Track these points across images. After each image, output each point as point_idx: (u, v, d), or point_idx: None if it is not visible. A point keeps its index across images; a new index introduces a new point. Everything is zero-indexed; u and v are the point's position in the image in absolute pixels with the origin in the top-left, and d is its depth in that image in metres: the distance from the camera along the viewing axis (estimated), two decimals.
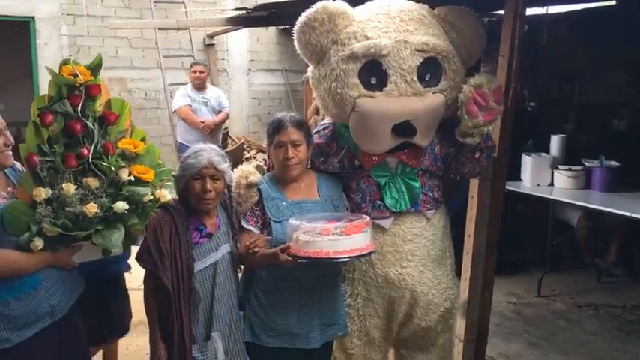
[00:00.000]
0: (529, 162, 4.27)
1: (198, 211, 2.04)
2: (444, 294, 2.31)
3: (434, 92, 2.11)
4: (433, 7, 2.23)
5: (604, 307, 4.02)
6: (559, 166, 4.20)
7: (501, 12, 2.53)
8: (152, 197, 1.98)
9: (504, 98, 2.27)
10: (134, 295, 3.93)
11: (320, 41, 2.10)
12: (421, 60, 2.06)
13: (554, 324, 3.77)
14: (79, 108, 1.96)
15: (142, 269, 2.04)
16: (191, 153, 2.03)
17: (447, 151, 2.26)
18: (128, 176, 1.96)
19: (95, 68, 2.02)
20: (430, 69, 2.09)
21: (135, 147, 2.02)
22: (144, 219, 1.96)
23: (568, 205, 4.17)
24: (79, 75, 1.95)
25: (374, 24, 2.08)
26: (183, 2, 6.94)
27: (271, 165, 2.25)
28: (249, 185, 2.10)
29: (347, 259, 1.96)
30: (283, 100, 8.09)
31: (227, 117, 5.87)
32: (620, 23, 4.49)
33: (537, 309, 4.03)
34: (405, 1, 2.20)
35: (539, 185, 4.22)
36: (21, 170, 1.99)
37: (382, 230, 2.21)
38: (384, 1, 2.18)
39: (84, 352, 2.19)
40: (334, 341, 2.30)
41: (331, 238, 1.88)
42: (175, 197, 2.08)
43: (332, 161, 2.25)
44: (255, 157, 6.83)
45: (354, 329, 2.29)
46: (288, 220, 2.01)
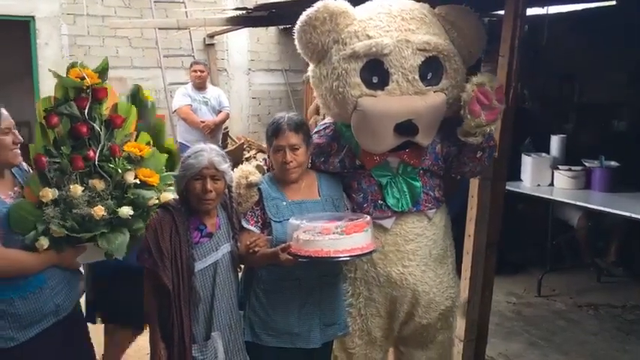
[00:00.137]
0: (529, 162, 4.27)
1: (198, 211, 2.03)
2: (445, 293, 2.32)
3: (435, 91, 2.11)
4: (434, 7, 2.23)
5: (604, 307, 4.01)
6: (559, 166, 4.20)
7: (501, 12, 2.54)
8: (157, 201, 2.01)
9: (504, 98, 2.27)
10: None
11: (321, 40, 2.10)
12: (423, 59, 2.06)
13: (554, 324, 3.77)
14: (86, 110, 1.99)
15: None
16: (191, 153, 2.03)
17: (449, 150, 2.26)
18: (134, 179, 1.99)
19: (102, 72, 2.05)
20: (431, 68, 2.09)
21: (140, 150, 2.05)
22: (147, 221, 1.98)
23: (568, 205, 4.17)
24: (87, 78, 1.97)
25: (375, 23, 2.08)
26: (183, 2, 6.93)
27: (271, 165, 2.24)
28: (249, 185, 2.10)
29: (347, 259, 1.96)
30: (283, 100, 8.08)
31: (227, 117, 5.87)
32: (620, 23, 4.49)
33: (537, 309, 4.03)
34: (406, 0, 2.20)
35: (539, 185, 4.22)
36: (27, 170, 2.01)
37: (384, 230, 2.21)
38: (385, 1, 2.18)
39: (88, 351, 2.20)
40: (335, 341, 2.30)
41: (332, 238, 1.88)
42: (176, 197, 2.08)
43: (333, 161, 2.25)
44: (255, 157, 6.82)
45: (356, 329, 2.29)
46: (288, 220, 2.01)
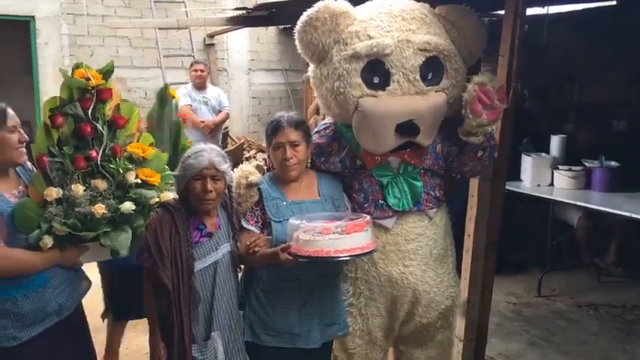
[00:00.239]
0: (529, 162, 4.27)
1: (198, 211, 2.03)
2: (446, 292, 2.32)
3: (436, 91, 2.11)
4: (434, 7, 2.23)
5: (604, 307, 4.01)
6: (559, 166, 4.21)
7: (501, 12, 2.54)
8: (158, 200, 2.03)
9: (506, 98, 2.27)
10: None
11: (322, 40, 2.10)
12: (423, 59, 2.06)
13: (554, 324, 3.77)
14: (90, 111, 2.01)
15: None
16: (192, 153, 2.02)
17: (449, 150, 2.26)
18: (135, 179, 2.00)
19: (106, 73, 2.07)
20: (432, 68, 2.09)
21: (143, 151, 2.07)
22: (147, 219, 2.00)
23: (568, 205, 4.17)
24: (91, 79, 1.99)
25: (376, 23, 2.08)
26: (183, 2, 6.93)
27: (271, 165, 2.24)
28: (249, 185, 2.10)
29: (348, 258, 1.96)
30: (283, 100, 8.08)
31: (227, 117, 5.87)
32: (620, 23, 4.49)
33: (537, 309, 4.03)
34: (406, 1, 2.20)
35: (539, 185, 4.22)
36: (31, 169, 2.03)
37: (385, 230, 2.21)
38: (386, 1, 2.18)
39: (89, 351, 2.20)
40: (335, 341, 2.30)
41: (332, 237, 1.88)
42: (176, 197, 2.08)
43: (333, 161, 2.25)
44: (255, 157, 6.82)
45: (356, 328, 2.29)
46: (288, 220, 2.01)
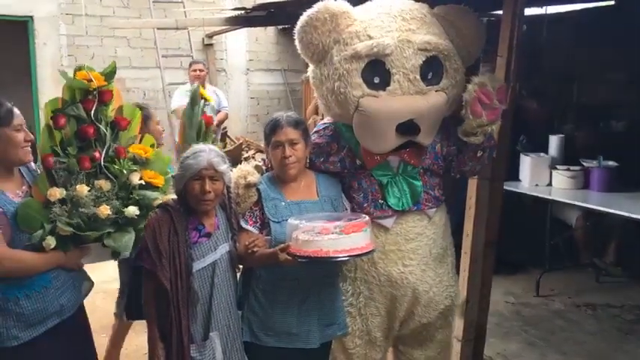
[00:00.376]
0: (528, 162, 4.27)
1: (197, 211, 2.03)
2: (445, 292, 2.32)
3: (436, 91, 2.11)
4: (433, 7, 2.23)
5: (602, 307, 4.02)
6: (557, 166, 4.21)
7: (500, 12, 2.54)
8: (161, 201, 2.04)
9: (506, 98, 2.27)
10: None
11: (322, 41, 2.10)
12: (423, 59, 2.06)
13: (552, 324, 3.77)
14: (92, 112, 2.01)
15: None
16: (190, 153, 2.02)
17: (449, 150, 2.26)
18: (139, 180, 2.01)
19: (109, 75, 2.07)
20: (432, 68, 2.10)
21: (145, 152, 2.08)
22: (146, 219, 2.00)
23: (567, 205, 4.17)
24: (93, 80, 2.00)
25: (376, 23, 2.08)
26: (182, 2, 6.92)
27: (270, 165, 2.24)
28: (247, 185, 2.10)
29: (347, 258, 1.96)
30: (282, 100, 8.08)
31: (226, 117, 5.87)
32: (618, 23, 4.49)
33: (536, 309, 4.03)
34: (406, 1, 2.20)
35: (537, 185, 4.23)
36: (35, 170, 2.04)
37: (384, 229, 2.21)
38: (385, 1, 2.18)
39: (90, 352, 2.20)
40: (334, 342, 2.30)
41: (331, 238, 1.88)
42: (175, 197, 2.08)
43: (333, 160, 2.25)
44: (253, 157, 6.81)
45: (356, 328, 2.29)
46: (287, 221, 2.01)
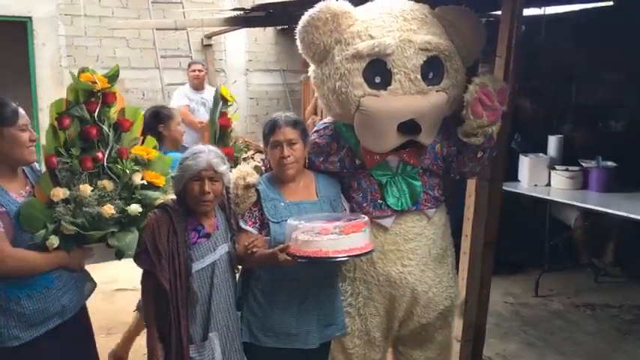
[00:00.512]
0: (526, 162, 4.27)
1: (196, 212, 2.03)
2: (444, 292, 2.32)
3: (437, 91, 2.11)
4: (433, 7, 2.24)
5: (601, 307, 4.02)
6: (556, 167, 4.21)
7: (499, 12, 2.54)
8: (162, 201, 2.06)
9: (507, 99, 2.27)
10: (129, 296, 3.95)
11: (323, 41, 2.11)
12: (424, 59, 2.07)
13: (551, 324, 3.78)
14: (96, 114, 2.04)
15: (139, 270, 2.05)
16: (190, 154, 2.03)
17: (449, 151, 2.27)
18: (141, 180, 2.03)
19: (112, 77, 2.10)
20: (433, 67, 2.10)
21: (147, 153, 2.11)
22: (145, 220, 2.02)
23: (565, 206, 4.18)
24: (97, 82, 2.03)
25: (377, 23, 2.09)
26: (181, 2, 6.92)
27: (269, 165, 2.25)
28: (247, 186, 2.10)
29: (346, 259, 1.96)
30: (281, 101, 8.07)
31: None
32: (617, 23, 4.50)
33: (535, 309, 4.03)
34: (406, 1, 2.21)
35: (536, 185, 4.22)
36: (39, 170, 2.06)
37: (383, 229, 2.22)
38: (386, 1, 2.19)
39: (91, 353, 2.20)
40: (333, 342, 2.30)
41: (330, 238, 1.88)
42: (174, 197, 2.08)
43: (332, 160, 2.26)
44: (253, 158, 6.79)
45: (355, 329, 2.29)
46: (286, 221, 2.01)
